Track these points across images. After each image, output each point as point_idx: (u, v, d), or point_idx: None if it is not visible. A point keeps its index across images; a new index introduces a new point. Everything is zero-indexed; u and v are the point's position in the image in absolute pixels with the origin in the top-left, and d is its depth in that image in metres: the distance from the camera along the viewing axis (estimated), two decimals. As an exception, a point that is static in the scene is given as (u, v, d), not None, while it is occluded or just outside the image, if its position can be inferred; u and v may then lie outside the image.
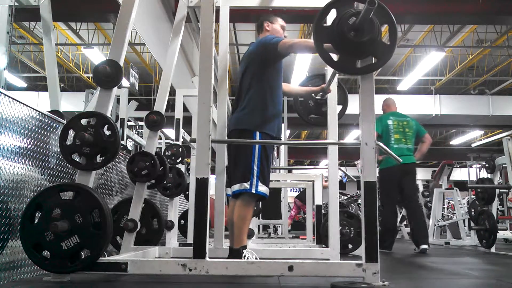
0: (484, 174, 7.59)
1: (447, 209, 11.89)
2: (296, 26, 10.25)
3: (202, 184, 2.05)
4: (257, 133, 2.64)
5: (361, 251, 2.02)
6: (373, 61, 2.05)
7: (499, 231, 5.05)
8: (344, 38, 1.97)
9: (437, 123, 13.66)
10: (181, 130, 4.44)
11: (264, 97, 2.69)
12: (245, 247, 2.58)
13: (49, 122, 2.55)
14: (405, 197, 4.69)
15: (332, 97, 3.05)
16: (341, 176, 9.66)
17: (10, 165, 2.17)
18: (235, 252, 2.54)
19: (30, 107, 2.35)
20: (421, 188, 9.61)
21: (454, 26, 10.12)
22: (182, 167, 4.23)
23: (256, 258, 2.48)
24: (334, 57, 2.12)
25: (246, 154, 2.62)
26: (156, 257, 3.06)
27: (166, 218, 3.83)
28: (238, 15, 6.22)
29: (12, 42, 4.35)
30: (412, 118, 5.08)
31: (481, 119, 13.20)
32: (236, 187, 2.62)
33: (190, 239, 4.03)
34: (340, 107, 3.26)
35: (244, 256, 2.51)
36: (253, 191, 2.57)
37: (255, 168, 2.58)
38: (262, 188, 2.59)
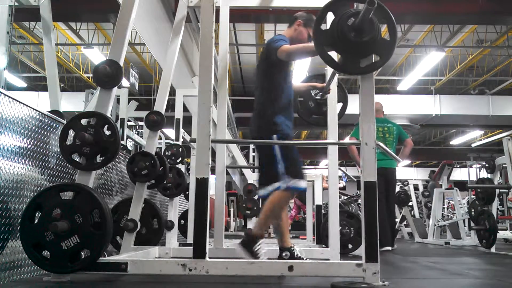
0: (484, 174, 7.59)
1: (447, 209, 11.88)
2: (296, 26, 10.24)
3: (202, 184, 2.05)
4: (274, 136, 2.62)
5: (361, 251, 2.02)
6: (373, 61, 2.05)
7: (499, 231, 5.04)
8: (346, 40, 1.97)
9: (437, 123, 13.66)
10: (181, 130, 4.43)
11: (272, 98, 2.67)
12: (259, 237, 2.56)
13: (49, 122, 2.55)
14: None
15: (332, 97, 3.05)
16: (341, 176, 9.65)
17: (10, 165, 2.17)
18: (287, 251, 2.54)
19: (30, 107, 2.35)
20: (421, 188, 9.61)
21: (454, 26, 10.12)
22: (182, 167, 4.23)
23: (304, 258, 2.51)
24: (335, 57, 2.13)
25: (269, 156, 2.61)
26: (156, 257, 3.06)
27: (166, 218, 3.83)
28: (238, 15, 6.23)
29: (12, 42, 4.35)
30: (394, 123, 5.23)
31: (481, 119, 13.18)
32: (265, 189, 2.61)
33: (190, 239, 4.03)
34: (340, 106, 3.26)
35: (297, 255, 2.53)
36: (282, 188, 2.55)
37: (281, 166, 2.57)
38: (295, 182, 2.54)
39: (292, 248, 2.63)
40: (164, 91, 3.25)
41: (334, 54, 2.19)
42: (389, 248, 4.74)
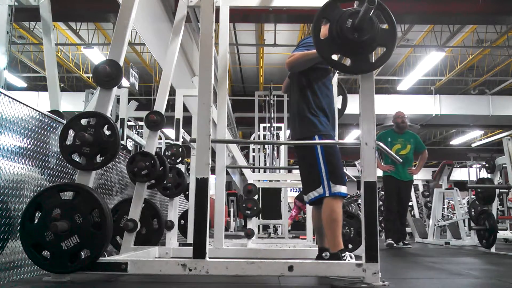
0: (484, 174, 7.58)
1: (447, 209, 11.88)
2: (296, 26, 10.25)
3: (202, 184, 2.05)
4: (316, 136, 2.52)
5: (361, 251, 2.02)
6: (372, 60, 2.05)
7: (499, 231, 5.04)
8: (350, 42, 1.98)
9: (437, 123, 13.65)
10: (181, 130, 4.43)
11: (311, 98, 2.56)
12: (343, 250, 2.45)
13: (49, 122, 2.55)
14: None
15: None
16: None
17: (10, 165, 2.17)
18: (335, 256, 2.41)
19: (30, 107, 2.35)
20: (421, 188, 9.61)
21: (454, 26, 10.11)
22: (182, 167, 4.23)
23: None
24: (334, 57, 2.13)
25: (311, 159, 2.52)
26: (156, 257, 3.06)
27: (166, 218, 3.83)
28: (238, 15, 6.23)
29: (12, 42, 4.34)
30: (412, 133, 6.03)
31: (481, 119, 13.19)
32: (311, 195, 2.53)
33: (190, 239, 4.03)
34: (340, 105, 3.26)
35: (346, 259, 2.39)
36: (327, 194, 2.45)
37: (323, 170, 2.48)
38: (336, 188, 2.45)
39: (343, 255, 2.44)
40: (164, 91, 3.25)
41: (334, 56, 2.19)
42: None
